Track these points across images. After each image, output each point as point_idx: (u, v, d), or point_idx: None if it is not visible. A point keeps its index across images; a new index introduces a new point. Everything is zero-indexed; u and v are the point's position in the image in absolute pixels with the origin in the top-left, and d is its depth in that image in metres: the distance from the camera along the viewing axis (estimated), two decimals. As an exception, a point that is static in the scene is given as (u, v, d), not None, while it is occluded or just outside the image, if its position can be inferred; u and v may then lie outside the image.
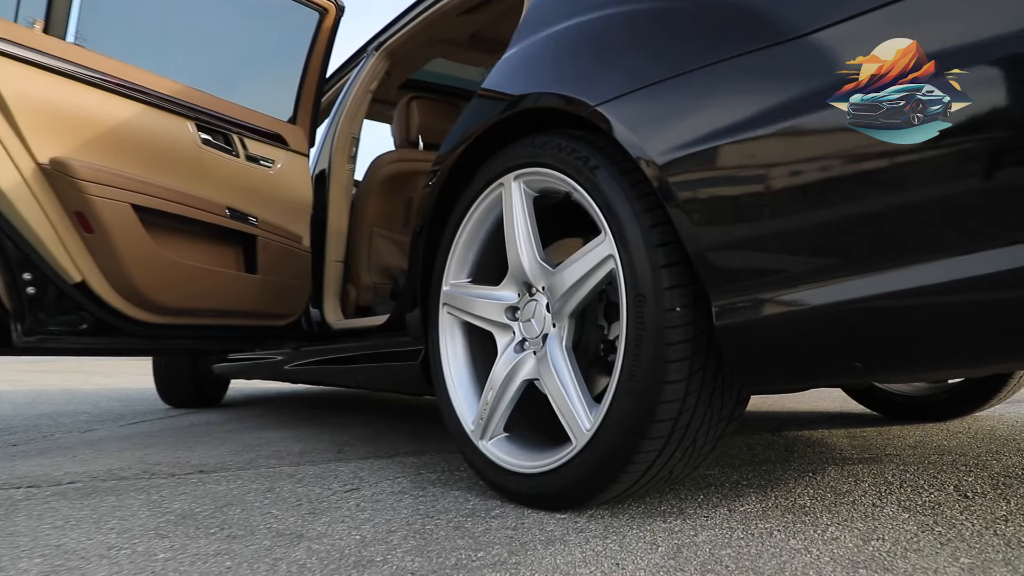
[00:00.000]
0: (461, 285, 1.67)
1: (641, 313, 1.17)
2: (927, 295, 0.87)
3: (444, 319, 1.71)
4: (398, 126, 3.02)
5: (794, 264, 1.00)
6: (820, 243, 0.96)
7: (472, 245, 1.66)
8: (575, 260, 1.32)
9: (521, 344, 1.51)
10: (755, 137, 1.02)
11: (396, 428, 2.82)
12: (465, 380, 1.65)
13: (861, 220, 0.91)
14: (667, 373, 1.15)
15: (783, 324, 1.02)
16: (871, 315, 0.92)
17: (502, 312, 1.54)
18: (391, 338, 2.14)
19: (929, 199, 0.77)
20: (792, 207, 0.98)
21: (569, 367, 1.34)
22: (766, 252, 1.03)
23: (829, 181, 0.92)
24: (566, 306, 1.37)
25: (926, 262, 0.85)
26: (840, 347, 1.00)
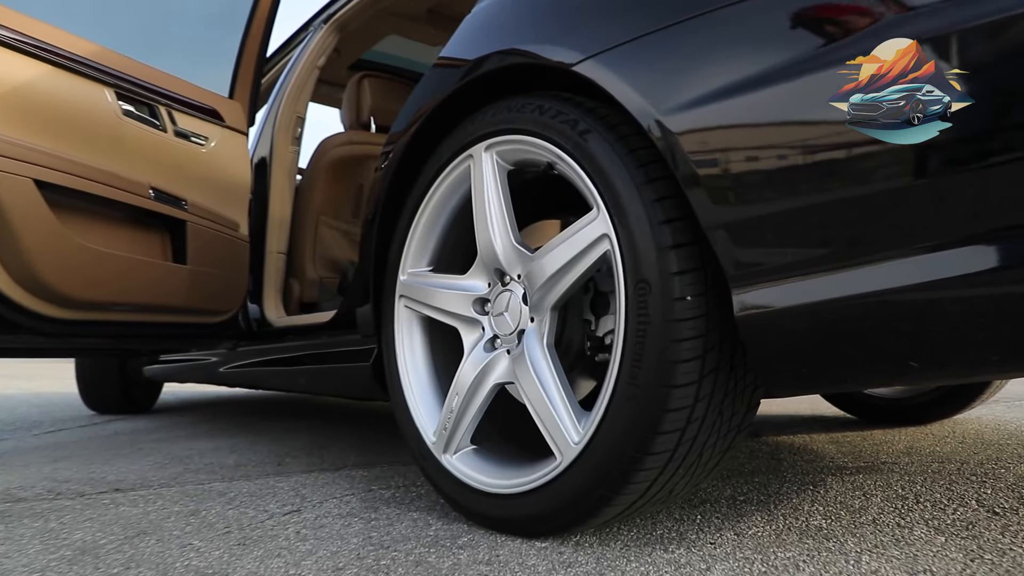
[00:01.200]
0: (421, 274, 1.45)
1: (644, 304, 0.98)
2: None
3: (401, 314, 1.48)
4: (348, 106, 2.77)
5: (843, 240, 0.81)
6: (878, 215, 0.78)
7: (434, 228, 1.44)
8: (560, 242, 1.12)
9: (492, 342, 1.29)
10: (790, 84, 0.83)
11: (343, 436, 2.57)
12: (425, 384, 1.43)
13: (938, 187, 0.72)
14: (675, 376, 0.96)
15: (828, 315, 0.83)
16: (946, 304, 0.74)
17: (469, 305, 1.33)
18: (339, 337, 1.91)
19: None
20: (840, 171, 0.80)
21: (552, 369, 1.14)
22: (808, 225, 0.84)
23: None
24: (548, 297, 1.16)
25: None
26: (898, 342, 0.81)
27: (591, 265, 1.08)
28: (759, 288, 0.89)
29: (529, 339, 1.19)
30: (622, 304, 1.01)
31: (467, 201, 1.36)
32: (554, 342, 1.19)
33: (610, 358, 1.06)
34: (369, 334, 1.65)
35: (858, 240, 0.80)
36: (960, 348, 0.79)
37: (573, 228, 1.10)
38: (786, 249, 0.86)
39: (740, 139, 0.88)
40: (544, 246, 1.16)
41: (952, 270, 0.72)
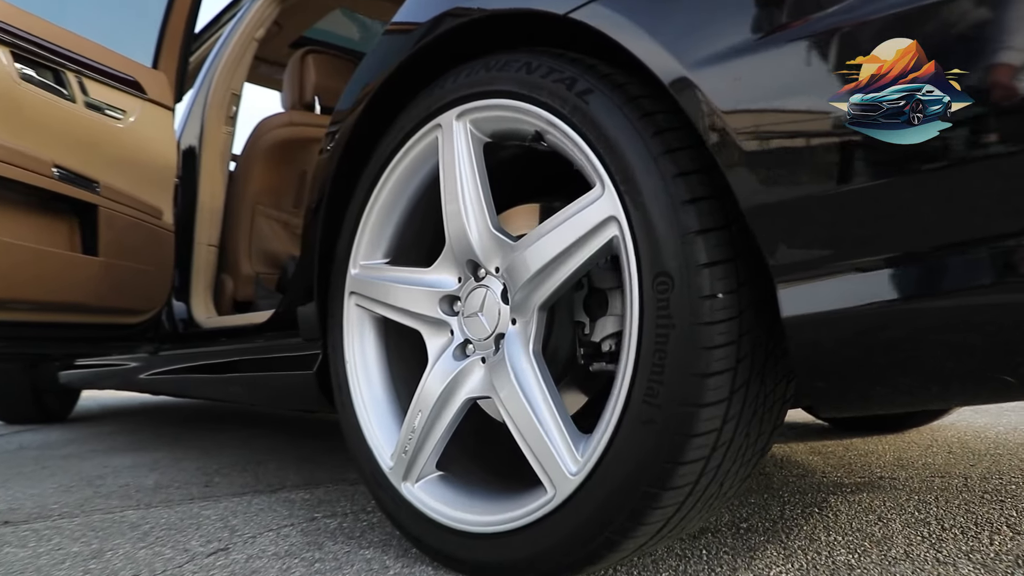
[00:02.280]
0: (375, 267, 1.23)
1: (665, 303, 0.78)
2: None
3: (351, 314, 1.26)
4: (290, 85, 2.51)
5: (933, 222, 0.63)
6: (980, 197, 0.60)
7: (391, 214, 1.22)
8: (551, 228, 0.92)
9: (463, 348, 1.08)
10: (864, 22, 0.64)
11: (282, 448, 2.31)
12: (380, 398, 1.21)
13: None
14: (704, 392, 0.77)
15: (920, 318, 0.65)
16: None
17: (435, 303, 1.11)
18: (277, 340, 1.66)
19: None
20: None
21: (541, 382, 0.94)
22: (883, 207, 0.66)
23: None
24: (535, 295, 0.96)
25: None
26: (995, 352, 0.64)
27: (593, 255, 0.88)
28: (817, 283, 0.71)
29: (511, 345, 0.99)
30: (634, 303, 0.82)
31: (433, 180, 1.14)
32: (542, 349, 0.98)
33: (615, 369, 0.86)
34: (313, 337, 1.41)
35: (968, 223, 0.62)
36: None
37: (569, 210, 0.90)
38: (863, 232, 0.67)
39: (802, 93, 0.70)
40: (531, 233, 0.95)
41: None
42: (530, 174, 1.22)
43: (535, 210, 1.23)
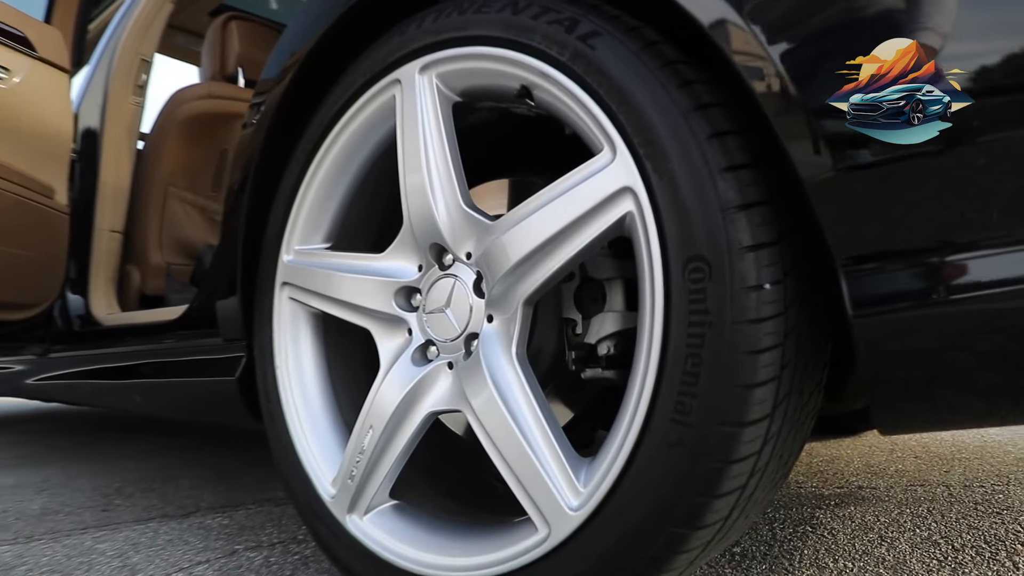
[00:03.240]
0: (314, 253, 1.02)
1: (700, 295, 0.62)
2: None
3: (283, 309, 1.05)
4: (210, 54, 2.25)
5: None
6: None
7: (334, 189, 1.02)
8: (543, 203, 0.74)
9: (423, 351, 0.89)
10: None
11: (195, 462, 2.05)
12: (320, 411, 1.00)
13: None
14: (748, 407, 0.61)
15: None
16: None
17: (389, 297, 0.92)
18: (191, 340, 1.42)
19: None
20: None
21: (529, 393, 0.76)
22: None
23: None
24: (520, 287, 0.78)
25: None
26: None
27: (599, 237, 0.71)
28: (903, 273, 0.56)
29: (488, 347, 0.80)
30: (658, 296, 0.65)
31: (389, 148, 0.95)
32: (526, 352, 0.80)
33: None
34: (235, 337, 1.19)
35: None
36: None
37: (567, 181, 0.72)
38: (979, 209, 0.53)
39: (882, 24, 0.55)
40: (516, 211, 0.78)
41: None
42: (500, 145, 1.04)
43: (503, 187, 1.05)
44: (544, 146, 1.02)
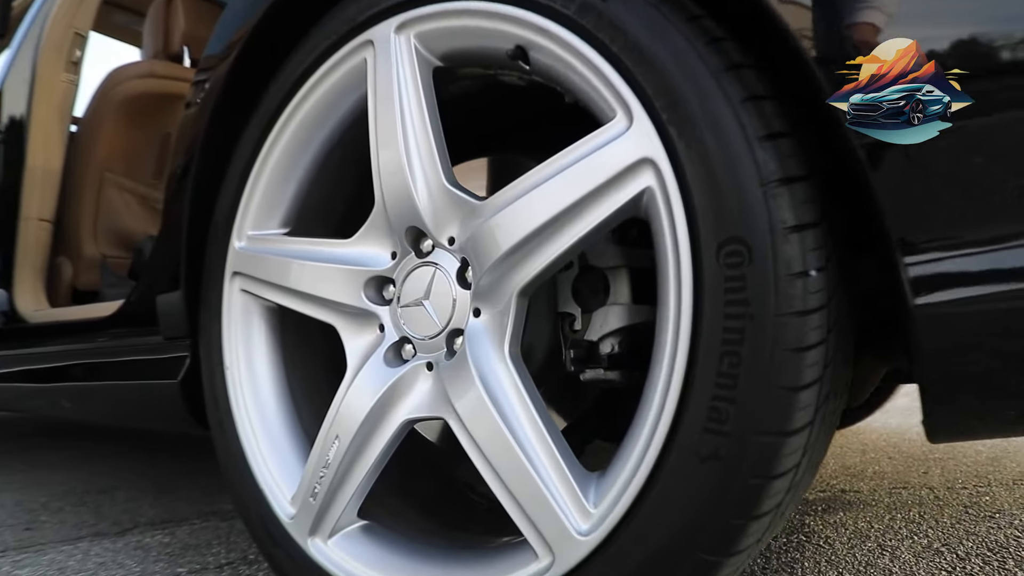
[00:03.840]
0: (270, 239, 0.90)
1: (739, 283, 0.53)
2: None
3: (234, 302, 0.93)
4: (153, 31, 2.08)
5: None
6: None
7: (294, 167, 0.90)
8: (544, 178, 0.64)
9: (398, 349, 0.79)
10: None
11: (133, 472, 1.88)
12: (276, 418, 0.88)
13: None
14: (793, 413, 0.52)
15: None
16: None
17: (358, 288, 0.81)
18: (128, 338, 1.28)
19: None
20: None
21: (526, 397, 0.66)
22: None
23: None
24: (514, 276, 0.68)
25: None
26: None
27: (611, 216, 0.61)
28: (979, 256, 0.48)
29: (475, 345, 0.70)
30: (684, 285, 0.56)
31: (358, 119, 0.84)
32: (520, 351, 0.70)
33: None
34: (178, 334, 1.06)
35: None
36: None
37: (573, 153, 0.63)
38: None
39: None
40: (508, 189, 0.68)
41: None
42: (481, 120, 0.94)
43: (482, 168, 0.95)
44: (533, 121, 0.92)
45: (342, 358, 0.81)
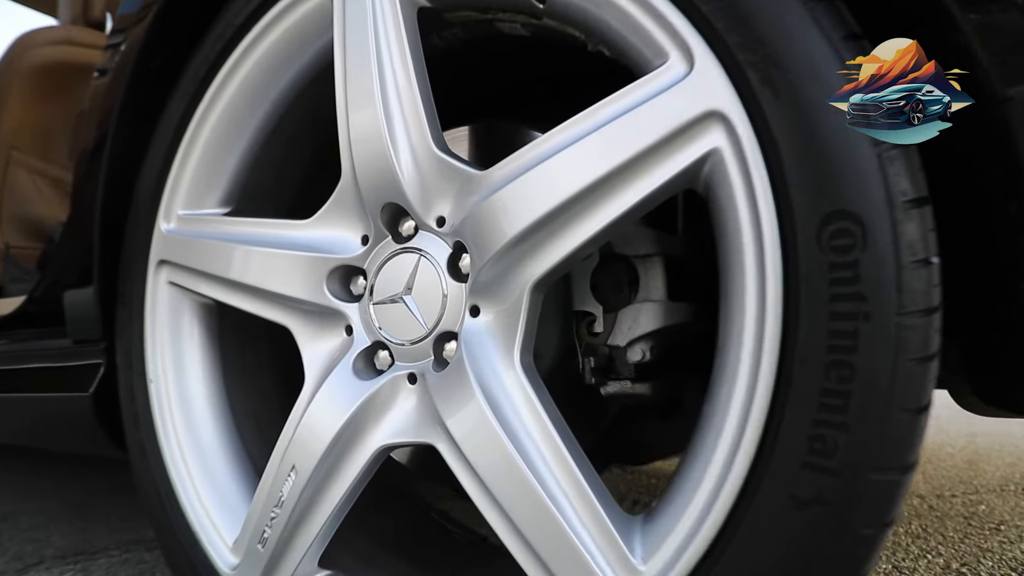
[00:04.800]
0: (207, 220, 0.74)
1: (851, 272, 0.40)
2: None
3: (160, 298, 0.76)
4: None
5: None
6: None
7: (238, 133, 0.74)
8: (572, 140, 0.50)
9: (370, 357, 0.63)
10: None
11: (37, 494, 1.65)
12: (213, 442, 0.72)
13: None
14: (916, 441, 0.40)
15: None
16: None
17: (319, 279, 0.65)
18: (30, 342, 1.08)
19: None
20: None
21: (545, 419, 0.52)
22: None
23: None
24: (528, 265, 0.54)
25: None
26: None
27: (663, 187, 0.48)
28: None
29: (476, 353, 0.56)
30: (768, 274, 0.43)
31: (321, 74, 0.69)
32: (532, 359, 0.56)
33: (708, 401, 0.48)
34: (89, 337, 0.88)
35: None
36: None
37: (612, 106, 0.49)
38: None
39: None
40: (518, 155, 0.53)
41: None
42: (469, 82, 0.79)
43: (464, 136, 0.80)
44: (535, 86, 0.78)
45: (299, 369, 0.65)
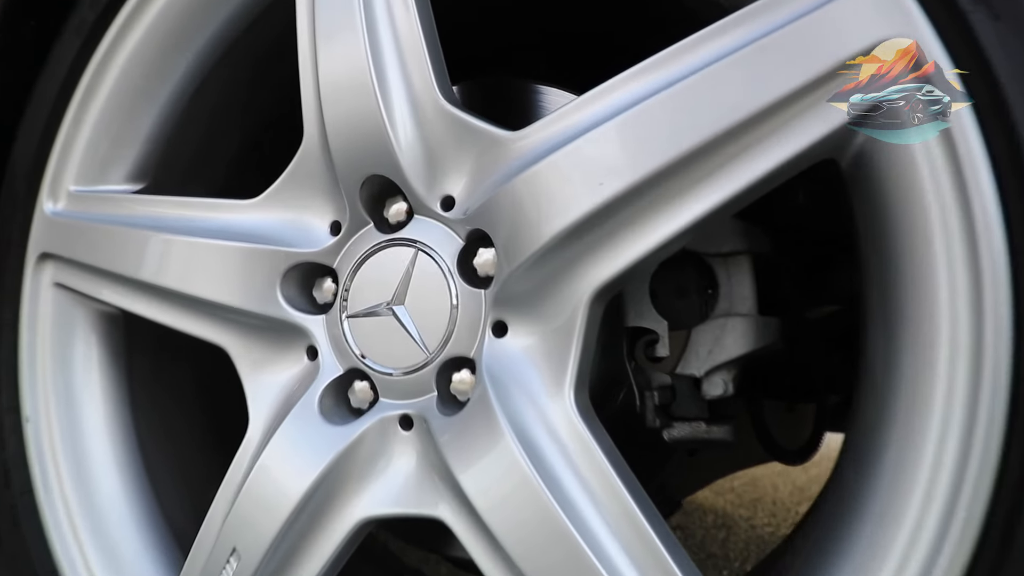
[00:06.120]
0: (110, 199, 0.54)
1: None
2: None
3: (41, 305, 0.56)
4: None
5: None
6: None
7: (151, 86, 0.55)
8: (673, 80, 0.34)
9: (342, 391, 0.45)
10: None
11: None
12: (115, 507, 0.52)
13: None
14: None
15: None
16: None
17: (269, 282, 0.47)
18: None
19: None
20: None
21: (615, 478, 0.36)
22: None
23: None
24: (591, 270, 0.38)
25: None
26: None
27: (802, 154, 0.33)
28: None
29: (505, 386, 0.39)
30: (988, 281, 0.29)
31: (268, 3, 0.50)
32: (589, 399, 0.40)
33: (874, 457, 0.34)
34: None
35: None
36: None
37: (733, 30, 0.33)
38: None
39: None
40: (574, 108, 0.37)
41: None
42: (466, 37, 0.62)
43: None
44: (554, 37, 0.62)
45: (241, 406, 0.47)
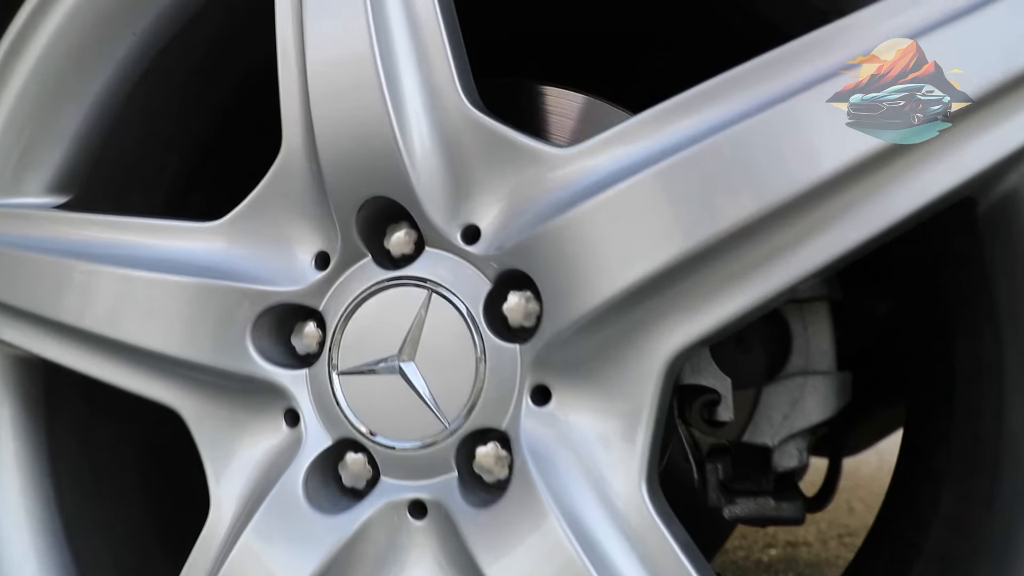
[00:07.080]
0: (23, 217, 0.43)
1: None
2: None
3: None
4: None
5: None
6: None
7: (81, 73, 0.44)
8: (823, 77, 0.28)
9: (332, 468, 0.36)
10: None
11: None
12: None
13: None
14: None
15: None
16: None
17: (239, 329, 0.37)
18: None
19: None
20: None
21: None
22: None
23: None
24: (673, 330, 0.29)
25: None
26: None
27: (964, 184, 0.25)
28: None
29: (553, 467, 0.30)
30: None
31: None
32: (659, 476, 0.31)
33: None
34: None
35: None
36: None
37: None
38: None
39: None
40: (657, 114, 0.28)
41: None
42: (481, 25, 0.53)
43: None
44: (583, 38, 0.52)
45: (201, 488, 0.36)
